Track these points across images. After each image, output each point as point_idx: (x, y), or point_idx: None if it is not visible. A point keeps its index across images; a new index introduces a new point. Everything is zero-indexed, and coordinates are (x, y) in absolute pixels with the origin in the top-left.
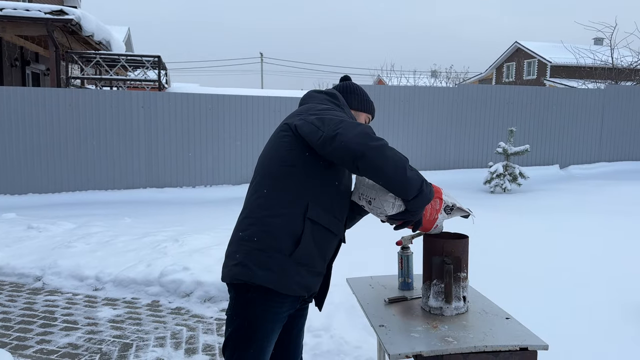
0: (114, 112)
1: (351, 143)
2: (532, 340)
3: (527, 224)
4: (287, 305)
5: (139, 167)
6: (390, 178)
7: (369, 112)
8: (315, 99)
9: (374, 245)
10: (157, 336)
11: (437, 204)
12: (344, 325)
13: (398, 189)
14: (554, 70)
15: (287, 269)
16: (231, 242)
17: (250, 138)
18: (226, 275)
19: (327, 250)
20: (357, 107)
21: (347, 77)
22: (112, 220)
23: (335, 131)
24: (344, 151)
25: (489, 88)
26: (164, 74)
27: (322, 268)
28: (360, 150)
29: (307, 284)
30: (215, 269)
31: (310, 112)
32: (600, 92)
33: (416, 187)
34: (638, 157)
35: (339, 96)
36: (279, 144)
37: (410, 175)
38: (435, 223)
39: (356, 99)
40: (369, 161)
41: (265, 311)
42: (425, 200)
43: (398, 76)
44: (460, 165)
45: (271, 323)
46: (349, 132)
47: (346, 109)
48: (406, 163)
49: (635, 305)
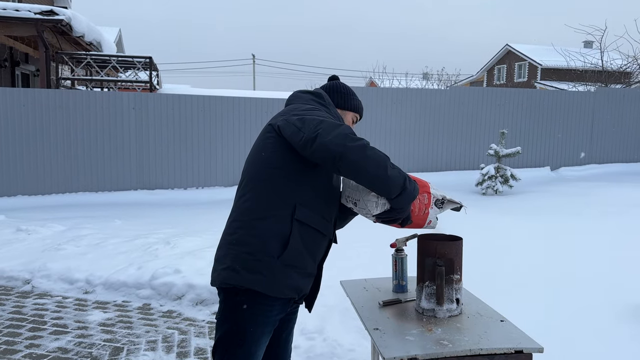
0: (105, 113)
1: (330, 144)
2: (527, 343)
3: (520, 226)
4: (276, 309)
5: (130, 168)
6: (371, 178)
7: (356, 111)
8: (300, 99)
9: (367, 247)
10: (149, 340)
11: (426, 198)
12: (338, 328)
13: (380, 188)
14: (545, 73)
15: (276, 271)
16: (220, 246)
17: (243, 139)
18: (215, 280)
19: (317, 251)
20: (343, 105)
21: (335, 76)
22: (102, 222)
23: (316, 132)
24: (323, 152)
25: (480, 90)
26: (155, 75)
27: (313, 269)
28: (339, 151)
29: (298, 286)
30: (207, 271)
31: (293, 112)
32: (591, 95)
33: (399, 185)
34: (627, 159)
35: (324, 95)
36: (263, 145)
37: (392, 173)
38: (428, 219)
39: (342, 97)
40: (349, 162)
41: (254, 315)
42: (410, 197)
43: (390, 78)
44: (452, 167)
45: (261, 327)
46: (329, 133)
47: (332, 108)
48: (387, 162)
49: (628, 306)
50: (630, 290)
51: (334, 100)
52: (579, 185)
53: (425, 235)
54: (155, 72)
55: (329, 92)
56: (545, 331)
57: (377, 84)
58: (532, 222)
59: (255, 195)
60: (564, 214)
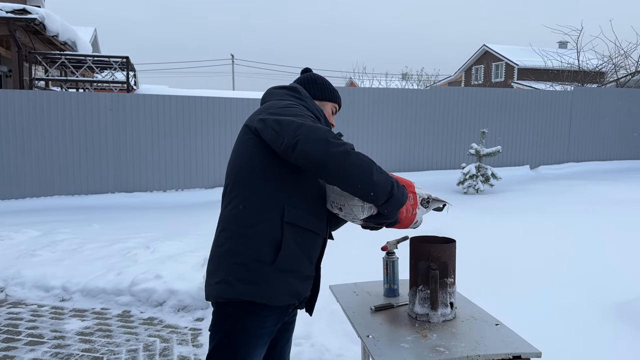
0: (81, 114)
1: (312, 153)
2: (524, 348)
3: (502, 225)
4: (272, 318)
5: (107, 171)
6: (356, 185)
7: (334, 101)
8: (275, 95)
9: (354, 249)
10: (129, 349)
11: (411, 199)
12: (325, 332)
13: (366, 196)
14: (522, 73)
15: (272, 279)
16: (211, 258)
17: (223, 140)
18: (210, 295)
19: (313, 252)
20: (320, 97)
21: (308, 69)
22: (79, 226)
23: (295, 138)
24: (305, 160)
25: (460, 90)
26: (132, 75)
27: (311, 271)
28: (321, 159)
29: (296, 290)
30: (189, 276)
31: (269, 110)
32: (568, 94)
33: (386, 192)
34: (604, 157)
35: (300, 89)
36: (243, 149)
37: (378, 180)
38: (415, 219)
39: (319, 88)
40: (332, 170)
41: (247, 326)
42: (398, 203)
43: (370, 78)
44: (433, 167)
45: (255, 338)
46: (309, 139)
47: (309, 101)
48: (372, 167)
49: (612, 305)
50: (613, 289)
51: (310, 93)
52: (558, 183)
53: (418, 237)
54: (133, 72)
55: (305, 84)
56: (531, 330)
57: (357, 84)
58: (515, 221)
59: (241, 201)
60: (545, 213)
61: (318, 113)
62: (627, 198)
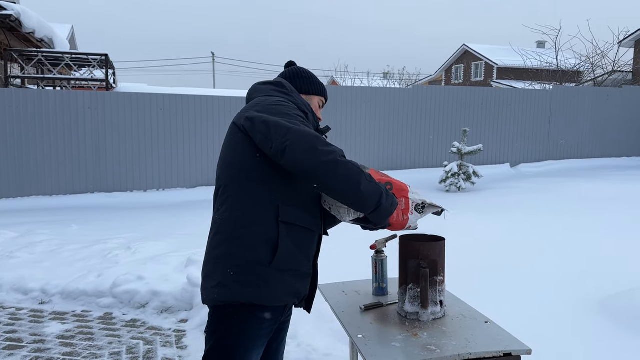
0: (59, 113)
1: (300, 160)
2: (515, 345)
3: (485, 222)
4: (269, 320)
5: (86, 170)
6: (343, 195)
7: (321, 94)
8: (261, 91)
9: (341, 247)
10: (112, 352)
11: (403, 203)
12: (311, 332)
13: (353, 205)
14: (501, 72)
15: (270, 279)
16: (206, 261)
17: (205, 139)
18: (207, 299)
19: (309, 249)
20: (307, 90)
21: (292, 62)
22: (57, 227)
23: (284, 144)
24: (294, 168)
25: (442, 89)
26: (111, 73)
27: (308, 268)
28: (309, 168)
29: (296, 289)
30: (173, 277)
31: (256, 108)
32: (547, 93)
33: (373, 202)
34: (583, 155)
35: (285, 84)
36: (233, 149)
37: (365, 190)
38: (408, 224)
39: (305, 82)
40: (320, 179)
41: (245, 327)
42: (386, 213)
43: (352, 77)
44: (415, 165)
45: (253, 340)
46: (297, 146)
47: (296, 95)
48: (360, 177)
49: (594, 301)
50: (595, 285)
51: (296, 87)
52: (537, 181)
53: (407, 236)
54: (112, 70)
55: (290, 78)
56: (518, 328)
57: (338, 83)
58: (498, 219)
59: (234, 202)
60: (526, 210)
61: (305, 108)
62: (606, 195)
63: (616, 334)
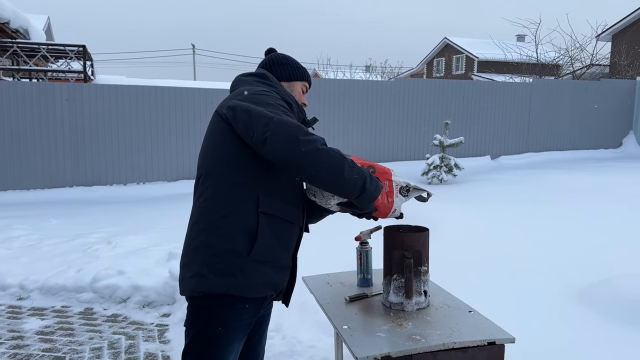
0: (35, 105)
1: (281, 151)
2: (498, 334)
3: (467, 214)
4: (249, 311)
5: (64, 164)
6: (327, 183)
7: (304, 79)
8: (244, 83)
9: (325, 239)
10: (93, 347)
11: (387, 186)
12: (296, 324)
13: (337, 192)
14: (482, 66)
15: (248, 270)
16: (184, 251)
17: (186, 131)
18: (184, 289)
19: (289, 242)
20: (288, 77)
21: (272, 49)
22: (36, 222)
23: (265, 134)
24: (275, 157)
25: (424, 82)
26: (89, 64)
27: (287, 261)
28: (291, 158)
29: (274, 281)
30: (154, 271)
31: (239, 97)
32: (527, 86)
33: (357, 187)
34: (562, 147)
35: (268, 75)
36: (215, 138)
37: (349, 176)
38: (393, 207)
39: (286, 68)
40: (302, 168)
41: (223, 319)
42: (371, 197)
43: (334, 70)
44: (398, 158)
45: (232, 331)
46: (278, 136)
47: (279, 86)
48: (343, 164)
49: (574, 290)
50: (574, 275)
51: (278, 74)
52: (517, 172)
53: (391, 226)
54: (90, 61)
55: (271, 66)
56: (500, 317)
57: (321, 75)
58: (479, 210)
59: (214, 192)
60: (507, 201)
61: (290, 99)
62: (584, 186)
63: (595, 321)
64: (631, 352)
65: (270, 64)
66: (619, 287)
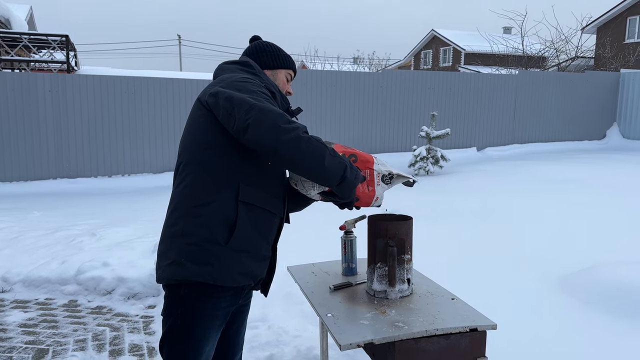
0: (17, 96)
1: (262, 139)
2: (481, 321)
3: (453, 204)
4: (226, 300)
5: (48, 156)
6: (307, 172)
7: (288, 67)
8: (227, 70)
9: (310, 229)
10: (77, 339)
11: (368, 174)
12: (281, 314)
13: (318, 180)
14: (469, 58)
15: (225, 259)
16: (162, 239)
17: (172, 123)
18: (161, 277)
19: (269, 232)
20: (272, 65)
21: (256, 36)
22: (18, 214)
23: (246, 121)
24: (256, 145)
25: (411, 74)
26: (72, 55)
27: (267, 251)
28: (272, 146)
29: (252, 271)
30: (139, 263)
31: (221, 84)
32: (513, 78)
33: (337, 176)
34: (546, 139)
35: (251, 63)
36: (196, 125)
37: (329, 165)
38: (375, 195)
39: (270, 56)
40: (283, 157)
41: (200, 308)
42: (351, 186)
43: (322, 62)
44: (385, 149)
45: (209, 320)
46: (259, 124)
47: (263, 76)
48: (324, 152)
49: (556, 278)
50: (556, 263)
51: (262, 62)
52: (503, 164)
53: (376, 215)
54: (73, 52)
55: (254, 54)
56: (484, 305)
57: (308, 67)
58: (464, 201)
59: (194, 179)
60: (492, 192)
61: (273, 88)
62: (568, 177)
63: (575, 308)
64: (611, 339)
65: (253, 52)
66: (599, 275)
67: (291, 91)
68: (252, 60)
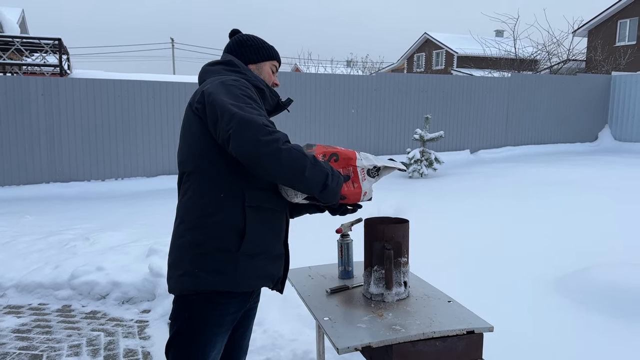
0: (10, 100)
1: (243, 150)
2: (477, 323)
3: (447, 207)
4: (235, 305)
5: (40, 160)
6: (288, 182)
7: (272, 58)
8: (212, 73)
9: (307, 232)
10: (71, 344)
11: (351, 172)
12: (277, 318)
13: (300, 190)
14: (461, 61)
15: (239, 265)
16: (172, 250)
17: (165, 126)
18: (174, 288)
19: (280, 230)
20: (256, 59)
21: (235, 30)
22: (11, 218)
23: (228, 132)
24: (238, 156)
25: (405, 77)
26: (65, 58)
27: (280, 249)
28: (253, 158)
29: (269, 272)
30: (134, 267)
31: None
32: (506, 81)
33: (319, 185)
34: (539, 141)
35: (235, 62)
36: (190, 133)
37: (310, 175)
38: (363, 190)
39: (252, 50)
40: (264, 169)
41: (210, 313)
42: (333, 193)
43: (316, 65)
44: (379, 152)
45: (216, 326)
46: (239, 136)
47: (248, 72)
48: (305, 162)
49: (551, 280)
50: (551, 265)
51: (245, 58)
52: (496, 166)
53: (372, 219)
54: (65, 55)
55: (236, 50)
56: (480, 308)
57: (302, 70)
58: (459, 203)
59: (198, 190)
60: (486, 194)
61: (261, 83)
62: (561, 179)
63: (570, 309)
64: (606, 339)
65: (235, 48)
66: (594, 276)
67: (278, 82)
68: (235, 58)
